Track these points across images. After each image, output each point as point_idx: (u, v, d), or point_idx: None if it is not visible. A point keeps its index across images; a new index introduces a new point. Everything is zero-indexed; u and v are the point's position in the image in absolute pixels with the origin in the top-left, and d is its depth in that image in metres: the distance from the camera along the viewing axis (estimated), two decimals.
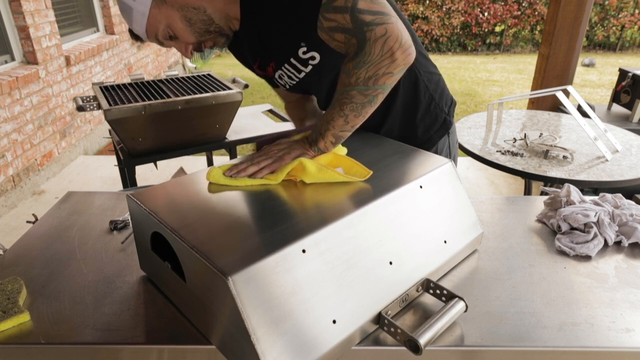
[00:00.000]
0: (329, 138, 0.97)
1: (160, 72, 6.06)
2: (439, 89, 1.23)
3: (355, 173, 0.95)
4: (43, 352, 0.77)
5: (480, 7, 8.88)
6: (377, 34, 0.86)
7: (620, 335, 0.79)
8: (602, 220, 1.06)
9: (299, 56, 1.06)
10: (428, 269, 0.87)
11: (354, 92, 0.91)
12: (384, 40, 0.86)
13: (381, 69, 0.88)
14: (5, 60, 3.26)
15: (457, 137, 1.34)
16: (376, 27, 0.86)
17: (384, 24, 0.86)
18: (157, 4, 0.95)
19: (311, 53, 1.05)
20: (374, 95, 0.92)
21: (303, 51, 1.05)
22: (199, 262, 0.70)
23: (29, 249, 1.02)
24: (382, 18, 0.87)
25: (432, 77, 1.20)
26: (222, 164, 0.98)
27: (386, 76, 0.90)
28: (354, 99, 0.92)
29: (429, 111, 1.21)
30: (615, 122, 2.97)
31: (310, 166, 0.92)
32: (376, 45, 0.87)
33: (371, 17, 0.86)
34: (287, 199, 0.86)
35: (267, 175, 0.94)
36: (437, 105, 1.22)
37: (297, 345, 0.68)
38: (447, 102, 1.25)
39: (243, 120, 2.48)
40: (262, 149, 1.01)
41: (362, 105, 0.93)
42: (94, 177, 3.53)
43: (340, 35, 0.91)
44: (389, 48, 0.87)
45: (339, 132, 0.97)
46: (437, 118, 1.23)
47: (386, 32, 0.86)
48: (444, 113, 1.24)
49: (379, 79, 0.89)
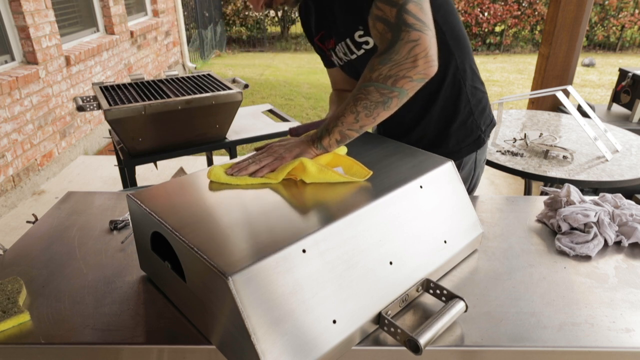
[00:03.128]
0: (335, 135, 0.98)
1: (160, 72, 6.06)
2: (481, 106, 1.25)
3: (355, 173, 0.95)
4: (43, 352, 0.77)
5: (480, 7, 8.88)
6: (411, 37, 0.90)
7: (620, 335, 0.79)
8: (602, 220, 1.06)
9: (355, 39, 1.12)
10: (428, 269, 0.87)
11: (372, 87, 0.94)
12: (413, 45, 0.90)
13: (402, 71, 0.91)
14: (5, 60, 3.26)
15: (485, 156, 1.34)
16: (412, 31, 0.90)
17: (420, 32, 0.90)
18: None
19: (366, 38, 1.10)
20: (390, 97, 0.94)
21: (359, 34, 1.10)
22: (199, 262, 0.70)
23: (29, 249, 1.02)
24: (421, 26, 0.91)
25: (476, 92, 1.23)
26: (224, 163, 0.98)
27: (405, 80, 0.92)
28: (370, 95, 0.94)
29: (465, 124, 1.23)
30: (615, 122, 2.97)
31: (311, 166, 0.92)
32: (405, 47, 0.90)
33: (413, 21, 0.90)
34: (288, 199, 0.86)
35: (268, 174, 0.94)
36: (475, 120, 1.24)
37: (297, 345, 0.68)
38: (486, 121, 1.28)
39: (243, 120, 2.48)
40: (265, 148, 1.03)
41: (376, 105, 0.94)
42: (94, 177, 3.53)
43: (380, 25, 0.94)
44: (415, 54, 0.90)
45: (347, 130, 0.97)
46: (472, 133, 1.25)
47: (418, 39, 0.90)
48: (480, 130, 1.26)
49: (398, 80, 0.92)
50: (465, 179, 1.30)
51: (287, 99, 5.95)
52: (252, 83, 6.58)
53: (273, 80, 6.90)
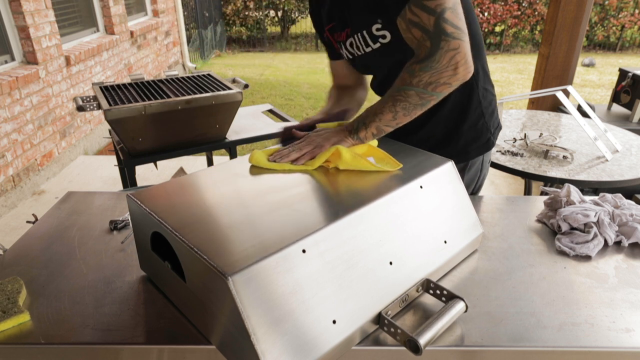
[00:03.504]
0: (371, 129, 1.02)
1: (160, 72, 6.06)
2: (491, 109, 1.25)
3: (386, 165, 0.99)
4: (43, 352, 0.77)
5: (480, 7, 8.88)
6: (451, 46, 0.93)
7: (620, 335, 0.79)
8: (602, 220, 1.06)
9: (372, 32, 1.11)
10: (428, 269, 0.87)
11: (412, 92, 0.97)
12: (454, 53, 0.93)
13: (442, 78, 0.95)
14: (5, 60, 3.26)
15: (490, 157, 1.35)
16: (452, 40, 0.92)
17: (459, 40, 0.93)
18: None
19: (383, 32, 1.10)
20: (428, 100, 0.98)
21: (377, 27, 1.10)
22: (199, 262, 0.70)
23: (29, 249, 1.02)
24: (459, 34, 0.93)
25: (487, 94, 1.23)
26: (265, 149, 1.04)
27: (444, 86, 0.96)
28: (410, 98, 0.98)
29: (476, 126, 1.24)
30: (615, 122, 2.97)
31: (346, 154, 0.97)
32: (446, 56, 0.93)
33: (452, 30, 0.92)
34: (288, 199, 0.86)
35: (307, 161, 1.00)
36: (485, 123, 1.24)
37: (297, 345, 0.68)
38: (495, 124, 1.28)
39: (243, 120, 2.48)
40: (303, 137, 1.07)
41: (414, 107, 0.99)
42: (94, 177, 3.53)
43: (417, 32, 0.96)
44: (456, 62, 0.93)
45: (384, 126, 1.02)
46: (482, 135, 1.25)
47: (459, 47, 0.93)
48: (489, 133, 1.26)
49: (437, 87, 0.96)
50: (472, 180, 1.30)
51: (287, 99, 5.95)
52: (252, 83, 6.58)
53: (273, 80, 6.90)
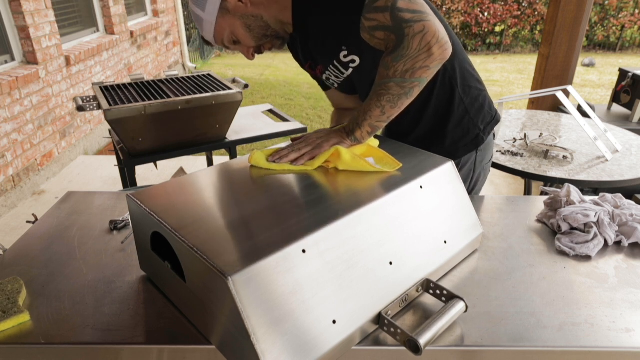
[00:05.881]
0: (365, 128, 1.02)
1: (160, 72, 6.06)
2: (477, 104, 1.24)
3: (386, 164, 0.99)
4: (43, 352, 0.77)
5: (480, 7, 8.88)
6: (416, 30, 0.91)
7: (620, 335, 0.79)
8: (602, 220, 1.06)
9: (341, 59, 1.14)
10: (428, 269, 0.87)
11: (392, 84, 0.97)
12: (422, 35, 0.91)
13: (418, 63, 0.93)
14: (5, 60, 3.26)
15: (490, 156, 1.33)
16: (415, 24, 0.91)
17: (422, 21, 0.91)
18: (222, 14, 1.08)
19: (351, 57, 1.13)
20: (410, 88, 0.97)
21: (344, 55, 1.12)
22: (199, 262, 0.70)
23: (29, 249, 1.02)
24: (420, 16, 0.92)
25: (470, 91, 1.22)
26: (264, 149, 1.04)
27: (423, 69, 0.94)
28: (391, 90, 0.97)
29: (461, 124, 1.23)
30: (615, 122, 2.97)
31: (345, 154, 0.97)
32: (414, 40, 0.92)
33: (410, 15, 0.92)
34: (288, 199, 0.86)
35: (306, 162, 1.00)
36: (471, 119, 1.23)
37: (297, 345, 0.68)
38: (486, 119, 1.26)
39: (243, 120, 2.48)
40: (301, 137, 1.07)
41: (399, 97, 0.98)
42: (94, 177, 3.53)
43: (380, 33, 0.96)
44: (427, 43, 0.92)
45: (375, 123, 1.02)
46: (469, 132, 1.24)
47: (424, 29, 0.91)
48: (478, 129, 1.25)
49: (415, 72, 0.94)
50: (464, 179, 1.30)
51: (287, 99, 5.95)
52: (252, 83, 6.58)
53: (273, 80, 6.90)
